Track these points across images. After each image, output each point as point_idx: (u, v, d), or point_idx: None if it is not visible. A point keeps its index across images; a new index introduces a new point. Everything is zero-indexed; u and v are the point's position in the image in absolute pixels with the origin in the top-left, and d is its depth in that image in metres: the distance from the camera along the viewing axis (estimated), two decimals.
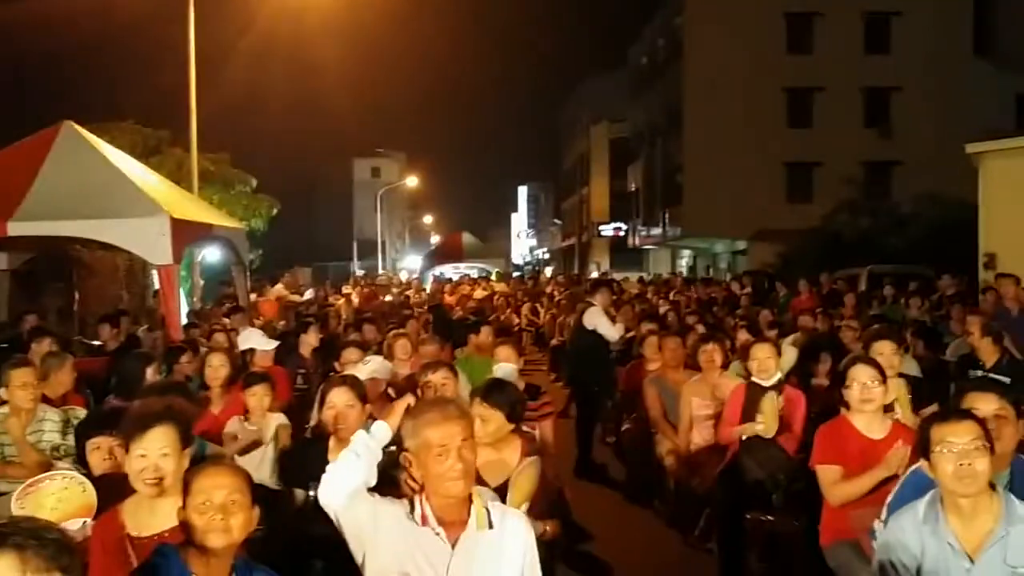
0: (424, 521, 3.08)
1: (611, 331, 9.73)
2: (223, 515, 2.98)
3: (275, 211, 26.64)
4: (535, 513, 4.22)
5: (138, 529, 3.55)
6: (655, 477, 7.70)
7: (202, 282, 17.57)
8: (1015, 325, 10.35)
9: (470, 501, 3.14)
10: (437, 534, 3.07)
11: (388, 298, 22.38)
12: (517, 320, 20.84)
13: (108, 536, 3.53)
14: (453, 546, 3.07)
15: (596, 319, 9.70)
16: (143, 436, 3.64)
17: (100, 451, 4.48)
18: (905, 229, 26.99)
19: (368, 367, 5.89)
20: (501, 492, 4.32)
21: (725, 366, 7.33)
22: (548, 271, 56.40)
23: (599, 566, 6.91)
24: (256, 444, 5.62)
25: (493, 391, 4.51)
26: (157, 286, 12.10)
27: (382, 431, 3.49)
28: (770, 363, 6.06)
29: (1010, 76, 37.14)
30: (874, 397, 4.79)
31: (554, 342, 17.31)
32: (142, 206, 10.03)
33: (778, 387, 6.09)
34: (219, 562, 2.99)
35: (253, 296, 16.82)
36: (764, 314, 10.88)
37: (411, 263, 61.39)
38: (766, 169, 36.82)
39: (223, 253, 14.14)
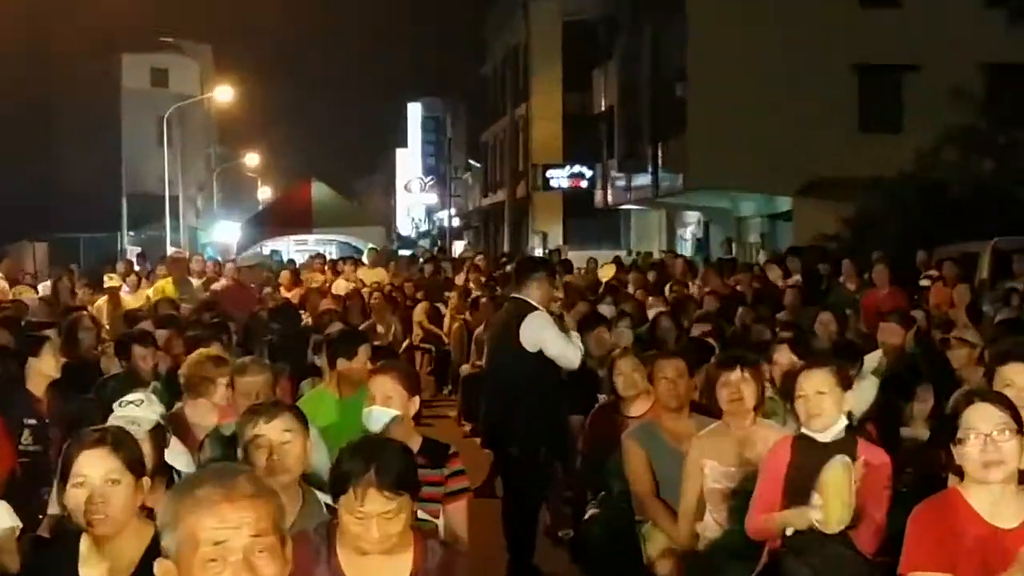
0: None
1: (566, 350, 6.91)
2: None
3: None
4: None
5: None
6: None
7: None
8: None
9: None
10: None
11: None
12: (407, 333, 14.03)
13: None
14: None
15: (538, 331, 6.90)
16: None
17: None
18: None
19: (136, 411, 4.45)
20: None
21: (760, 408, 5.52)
22: (459, 248, 38.97)
23: None
24: None
25: (391, 467, 3.48)
26: None
27: None
28: (827, 403, 4.66)
29: None
30: (1004, 458, 3.80)
31: (466, 369, 12.15)
32: None
33: (848, 443, 4.68)
34: None
35: None
36: (824, 319, 8.04)
37: (223, 234, 39.77)
38: (824, 77, 23.36)
39: None
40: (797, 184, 23.81)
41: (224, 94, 42.51)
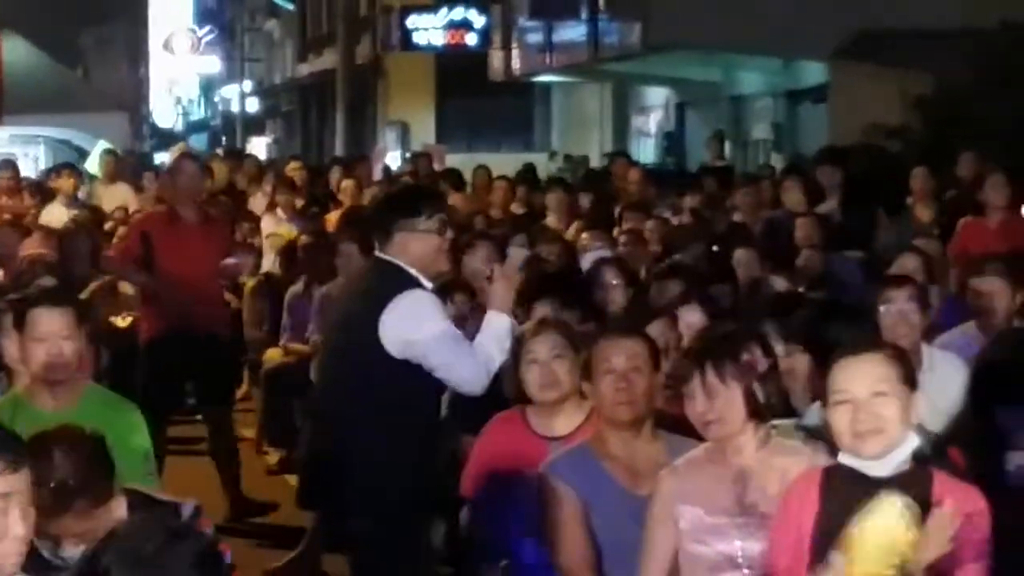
0: None
1: (461, 364, 4.10)
2: None
3: None
4: None
5: None
6: None
7: None
8: None
9: None
10: None
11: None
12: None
13: None
14: None
15: (413, 328, 4.07)
16: None
17: None
18: None
19: None
20: None
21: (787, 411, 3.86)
22: (258, 149, 27.26)
23: None
24: None
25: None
26: None
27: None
28: (889, 410, 3.03)
29: None
30: None
31: (273, 358, 8.06)
32: None
33: (915, 479, 3.08)
34: None
35: None
36: (905, 263, 5.16)
37: None
38: None
39: None
40: (835, 40, 14.39)
41: None
